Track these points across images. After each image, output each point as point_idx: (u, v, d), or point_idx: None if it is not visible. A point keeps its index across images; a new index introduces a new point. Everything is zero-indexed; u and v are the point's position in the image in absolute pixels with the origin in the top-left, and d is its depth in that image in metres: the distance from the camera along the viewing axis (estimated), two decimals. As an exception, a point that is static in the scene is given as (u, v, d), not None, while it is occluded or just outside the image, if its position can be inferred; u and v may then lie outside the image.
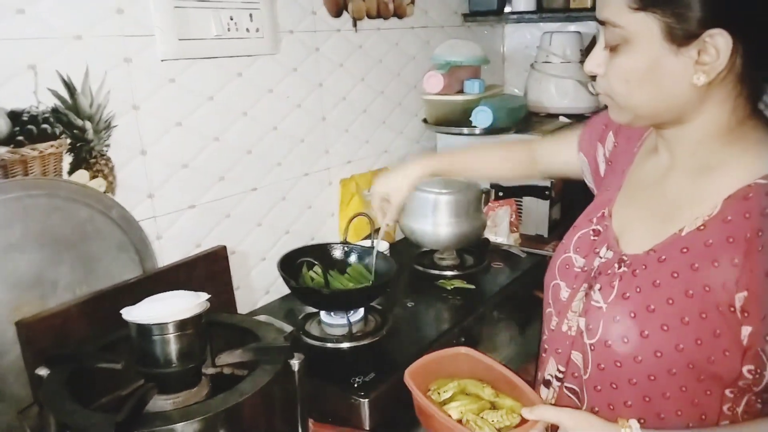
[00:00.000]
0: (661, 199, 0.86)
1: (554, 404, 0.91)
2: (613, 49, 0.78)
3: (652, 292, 0.80)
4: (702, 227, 0.78)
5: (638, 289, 0.81)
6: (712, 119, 0.79)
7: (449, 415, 0.88)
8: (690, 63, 0.74)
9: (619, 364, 0.82)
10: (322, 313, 1.30)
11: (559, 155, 1.16)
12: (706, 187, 0.80)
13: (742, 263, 0.73)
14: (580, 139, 1.10)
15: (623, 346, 0.81)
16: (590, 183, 1.09)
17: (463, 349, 0.99)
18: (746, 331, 0.74)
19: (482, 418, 0.88)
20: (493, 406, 0.91)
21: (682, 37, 0.72)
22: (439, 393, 0.94)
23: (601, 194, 1.02)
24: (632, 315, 0.81)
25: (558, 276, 0.96)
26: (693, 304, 0.76)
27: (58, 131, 1.05)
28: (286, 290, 1.39)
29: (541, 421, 0.83)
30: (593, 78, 0.83)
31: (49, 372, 0.85)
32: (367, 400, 1.07)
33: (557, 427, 0.82)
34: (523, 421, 0.84)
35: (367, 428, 1.08)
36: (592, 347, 0.86)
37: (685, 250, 0.79)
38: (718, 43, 0.72)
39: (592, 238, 0.93)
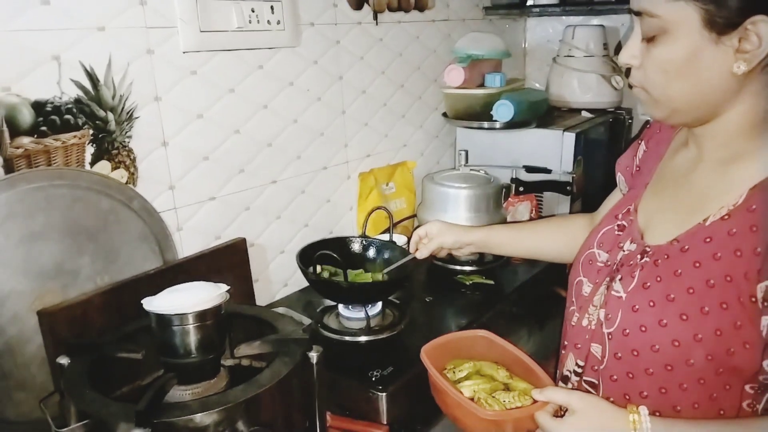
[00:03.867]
0: (688, 191, 0.84)
1: None
2: (650, 40, 0.76)
3: (672, 281, 0.79)
4: (726, 216, 0.77)
5: (659, 279, 0.80)
6: (746, 111, 0.77)
7: (462, 393, 0.88)
8: (730, 51, 0.72)
9: (636, 353, 0.82)
10: (340, 307, 1.30)
11: (611, 201, 1.10)
12: (733, 177, 0.79)
13: (765, 252, 0.72)
14: (617, 163, 1.09)
15: (641, 335, 0.81)
16: None
17: (481, 332, 1.01)
18: (766, 321, 0.72)
19: (493, 397, 0.88)
20: (507, 388, 0.92)
21: (722, 25, 0.71)
22: (454, 372, 0.95)
23: (628, 193, 1.01)
24: (651, 304, 0.80)
25: (581, 272, 0.95)
26: (714, 294, 0.75)
27: (80, 122, 1.05)
28: (305, 283, 1.39)
29: (550, 403, 0.83)
30: (628, 71, 0.82)
31: (70, 361, 0.86)
32: (384, 393, 1.07)
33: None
34: (534, 403, 0.85)
35: (385, 422, 1.08)
36: (610, 336, 0.85)
37: (708, 239, 0.77)
38: (761, 30, 0.70)
39: (616, 233, 0.92)
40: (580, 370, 0.92)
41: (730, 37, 0.72)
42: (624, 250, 0.89)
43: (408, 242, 1.55)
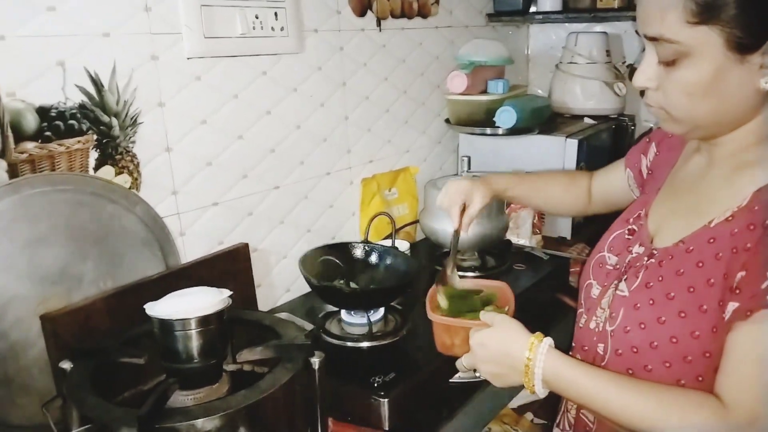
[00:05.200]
0: (698, 196, 0.85)
1: None
2: (669, 63, 0.76)
3: (674, 280, 0.81)
4: (730, 218, 0.78)
5: (661, 278, 0.82)
6: (763, 121, 0.79)
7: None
8: (755, 69, 0.73)
9: (635, 350, 0.84)
10: (343, 312, 1.30)
11: (612, 181, 1.16)
12: (741, 182, 0.80)
13: (753, 246, 0.73)
14: (626, 157, 1.11)
15: (640, 332, 0.83)
16: (636, 195, 1.09)
17: (498, 283, 1.15)
18: (731, 307, 0.73)
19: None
20: None
21: (747, 45, 0.71)
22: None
23: (639, 198, 1.02)
24: (651, 302, 0.82)
25: (591, 276, 0.96)
26: (713, 292, 0.77)
27: (85, 127, 1.06)
28: (307, 288, 1.39)
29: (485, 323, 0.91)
30: (642, 92, 0.82)
31: (72, 365, 0.86)
32: (386, 399, 1.07)
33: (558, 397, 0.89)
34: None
35: (387, 428, 1.08)
36: (612, 333, 0.87)
37: (712, 240, 0.79)
38: None
39: (626, 237, 0.94)
40: None
41: (754, 55, 0.72)
42: (632, 254, 0.90)
43: (410, 247, 1.56)
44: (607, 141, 1.98)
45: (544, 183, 1.28)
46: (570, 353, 1.00)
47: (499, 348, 0.87)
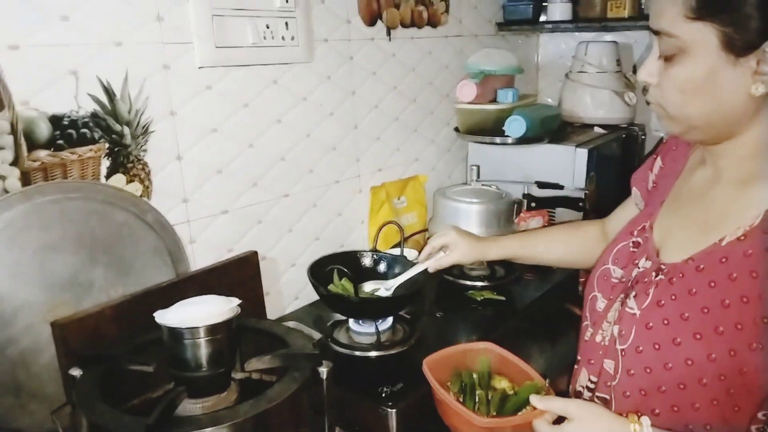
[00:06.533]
0: (705, 210, 0.84)
1: None
2: (667, 59, 0.77)
3: (687, 300, 0.79)
4: (743, 237, 0.76)
5: (673, 297, 0.80)
6: (764, 131, 0.77)
7: (460, 402, 0.91)
8: (748, 73, 0.72)
9: (649, 371, 0.81)
10: (351, 321, 1.30)
11: (629, 215, 1.09)
12: (750, 197, 0.78)
13: None
14: (632, 178, 1.10)
15: (654, 353, 0.81)
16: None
17: (484, 344, 1.00)
18: None
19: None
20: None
21: (741, 47, 0.71)
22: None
23: (643, 210, 1.00)
24: (665, 322, 0.80)
25: (596, 288, 0.95)
26: (729, 314, 0.75)
27: (97, 136, 1.07)
28: (315, 296, 1.39)
29: (548, 412, 0.82)
30: (645, 88, 0.82)
31: (82, 372, 0.87)
32: (394, 410, 1.06)
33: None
34: (533, 410, 0.85)
35: (394, 439, 1.08)
36: (623, 353, 0.85)
37: (724, 259, 0.77)
38: None
39: (631, 249, 0.92)
40: (593, 386, 0.92)
41: (748, 59, 0.72)
42: (639, 267, 0.88)
43: (420, 252, 1.56)
44: (617, 150, 1.97)
45: (545, 238, 1.25)
46: (575, 367, 0.99)
47: None
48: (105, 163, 1.09)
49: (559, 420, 0.83)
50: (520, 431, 0.85)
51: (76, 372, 0.87)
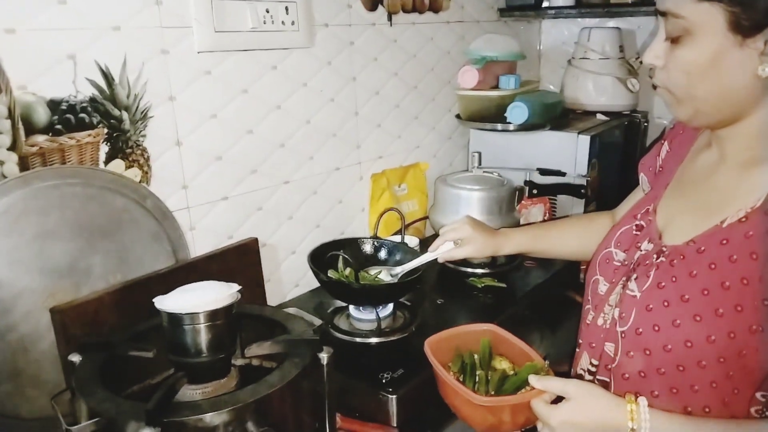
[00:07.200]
0: (708, 193, 0.84)
1: None
2: (674, 40, 0.76)
3: (687, 282, 0.79)
4: (744, 219, 0.76)
5: (674, 279, 0.80)
6: None
7: (460, 381, 0.91)
8: (755, 54, 0.72)
9: (648, 352, 0.82)
10: (351, 308, 1.30)
11: (633, 199, 1.10)
12: (753, 179, 0.78)
13: None
14: (640, 163, 1.09)
15: (654, 334, 0.81)
16: None
17: (486, 326, 1.01)
18: None
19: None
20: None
21: (748, 28, 0.71)
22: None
23: (648, 193, 1.00)
24: (665, 304, 0.80)
25: (598, 271, 0.95)
26: (729, 296, 0.75)
27: (95, 121, 1.06)
28: (315, 283, 1.39)
29: (547, 392, 0.83)
30: (653, 71, 0.82)
31: (81, 359, 0.87)
32: (395, 396, 1.06)
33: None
34: (532, 390, 0.85)
35: (395, 425, 1.08)
36: (623, 335, 0.85)
37: (724, 241, 0.77)
38: None
39: (634, 233, 0.92)
40: (594, 369, 0.92)
41: (755, 39, 0.71)
42: (641, 250, 0.88)
43: (420, 243, 1.55)
44: (619, 137, 1.96)
45: (559, 232, 1.24)
46: (576, 350, 0.99)
47: (592, 423, 0.79)
48: (104, 149, 1.08)
49: (558, 400, 0.82)
50: (518, 410, 0.85)
51: (75, 358, 0.87)
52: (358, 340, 1.23)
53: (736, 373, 0.76)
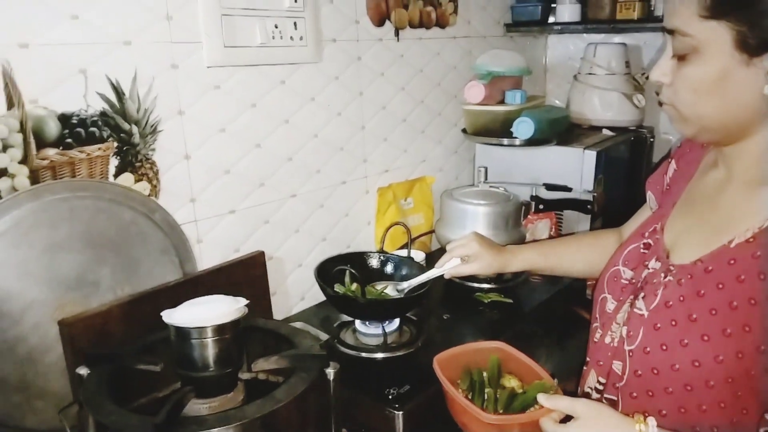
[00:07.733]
0: (715, 212, 0.84)
1: None
2: (681, 58, 0.76)
3: (695, 301, 0.79)
4: (751, 239, 0.76)
5: (681, 298, 0.80)
6: None
7: (469, 399, 0.90)
8: (761, 73, 0.72)
9: (656, 372, 0.81)
10: (357, 323, 1.29)
11: (640, 216, 1.10)
12: (761, 199, 0.78)
13: None
14: (647, 182, 1.09)
15: (661, 354, 0.80)
16: None
17: (495, 343, 1.01)
18: None
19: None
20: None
21: (754, 47, 0.71)
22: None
23: (656, 212, 1.00)
24: (673, 323, 0.80)
25: (606, 289, 0.95)
26: (737, 316, 0.75)
27: (105, 134, 1.07)
28: (322, 297, 1.39)
29: (556, 410, 0.82)
30: (658, 90, 0.82)
31: (89, 371, 0.87)
32: (401, 412, 1.06)
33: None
34: (540, 409, 0.85)
35: (401, 440, 1.07)
36: (631, 353, 0.85)
37: (732, 261, 0.77)
38: None
39: (642, 251, 0.92)
40: (601, 387, 0.91)
41: (761, 59, 0.71)
42: (649, 269, 0.88)
43: (426, 258, 1.55)
44: (625, 153, 1.96)
45: (566, 249, 1.23)
46: (584, 368, 0.98)
47: None
48: (113, 162, 1.09)
49: (566, 419, 0.82)
50: (527, 429, 0.85)
51: (83, 371, 0.87)
52: (364, 355, 1.23)
53: (744, 393, 0.76)
